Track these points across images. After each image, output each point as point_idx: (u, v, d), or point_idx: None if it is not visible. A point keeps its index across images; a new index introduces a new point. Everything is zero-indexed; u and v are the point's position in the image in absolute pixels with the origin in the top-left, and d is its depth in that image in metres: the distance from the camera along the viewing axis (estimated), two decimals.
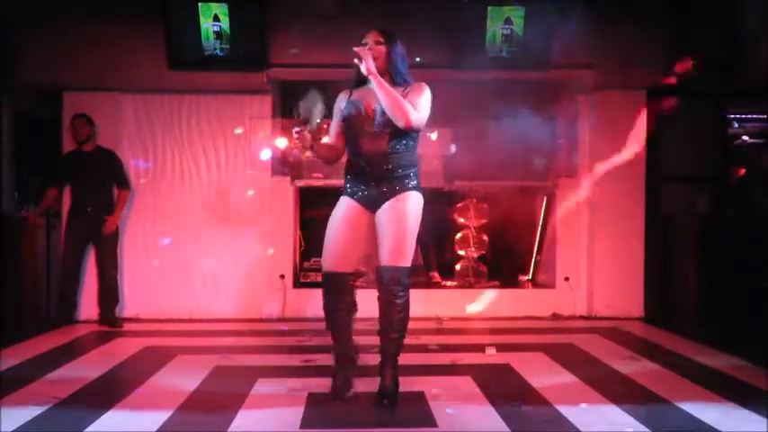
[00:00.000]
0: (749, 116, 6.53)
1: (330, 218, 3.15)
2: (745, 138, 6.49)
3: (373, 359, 3.28)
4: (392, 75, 3.11)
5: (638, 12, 5.25)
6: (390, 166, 3.06)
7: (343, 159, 3.28)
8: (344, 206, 3.14)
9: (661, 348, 4.41)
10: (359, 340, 3.29)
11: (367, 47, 3.05)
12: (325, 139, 3.32)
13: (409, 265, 3.12)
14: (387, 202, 3.07)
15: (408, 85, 3.12)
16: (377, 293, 3.11)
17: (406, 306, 3.09)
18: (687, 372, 3.71)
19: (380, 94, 2.98)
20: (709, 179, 5.62)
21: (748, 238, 4.72)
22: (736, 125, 6.54)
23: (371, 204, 3.10)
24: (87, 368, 3.78)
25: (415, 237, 3.14)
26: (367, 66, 2.96)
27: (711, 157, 5.72)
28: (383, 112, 3.02)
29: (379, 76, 2.98)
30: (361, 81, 3.13)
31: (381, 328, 3.12)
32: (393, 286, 3.05)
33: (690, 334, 4.69)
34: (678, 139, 5.60)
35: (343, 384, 3.17)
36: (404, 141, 3.09)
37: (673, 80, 5.28)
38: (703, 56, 5.18)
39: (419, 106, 3.05)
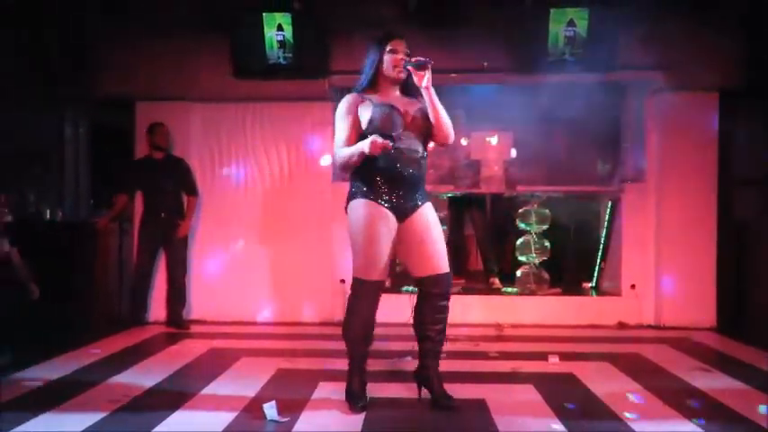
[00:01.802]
0: None
1: (367, 225, 3.02)
2: None
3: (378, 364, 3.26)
4: (412, 86, 3.09)
5: (709, 10, 5.05)
6: (421, 173, 3.10)
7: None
8: (383, 214, 3.03)
9: (735, 360, 4.21)
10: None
11: (400, 56, 3.05)
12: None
13: None
14: (419, 210, 3.09)
15: (420, 96, 3.11)
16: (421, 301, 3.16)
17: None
18: (761, 384, 3.53)
19: (438, 107, 3.02)
20: None
21: None
22: None
23: (401, 213, 3.07)
24: (156, 369, 3.91)
25: None
26: (428, 79, 2.96)
27: None
28: (417, 118, 3.05)
29: (432, 89, 3.00)
30: (367, 85, 3.11)
31: (433, 334, 3.13)
32: (448, 291, 3.14)
33: (764, 345, 4.46)
34: (752, 141, 5.35)
35: (363, 389, 3.19)
36: (426, 151, 3.14)
37: None
38: None
39: None
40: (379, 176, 3.03)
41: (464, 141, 6.40)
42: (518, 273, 5.90)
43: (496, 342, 4.72)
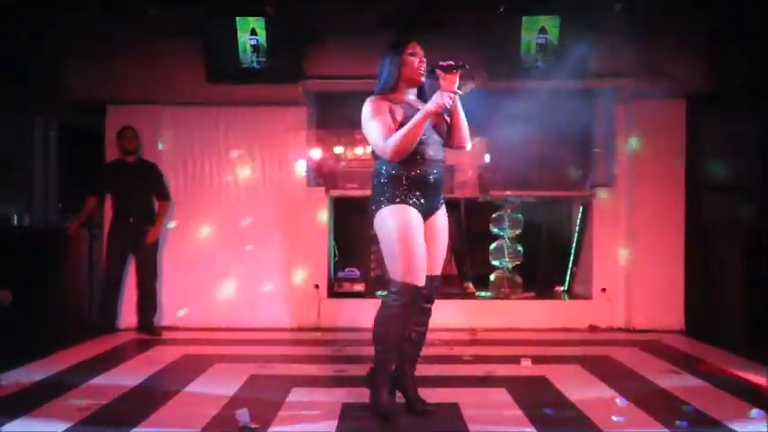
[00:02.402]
0: None
1: (408, 228, 2.97)
2: None
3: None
4: (428, 90, 3.13)
5: (678, 19, 5.16)
6: (442, 176, 3.11)
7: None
8: (414, 216, 3.00)
9: (704, 362, 4.29)
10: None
11: (419, 59, 3.06)
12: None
13: None
14: (438, 212, 3.12)
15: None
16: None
17: None
18: (732, 388, 3.61)
19: (462, 114, 3.08)
20: (751, 188, 5.47)
21: None
22: None
23: (426, 214, 3.07)
24: (126, 376, 3.86)
25: None
26: (455, 83, 2.94)
27: (754, 166, 5.56)
28: (440, 123, 3.09)
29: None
30: (388, 88, 3.09)
31: (414, 336, 3.11)
32: (434, 294, 3.15)
33: (733, 348, 4.56)
34: (719, 147, 5.47)
35: (393, 399, 3.15)
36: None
37: None
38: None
39: None
40: (409, 180, 3.00)
41: None
42: (492, 277, 5.95)
43: (470, 346, 4.74)
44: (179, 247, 5.53)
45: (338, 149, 6.88)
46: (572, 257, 6.04)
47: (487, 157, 6.10)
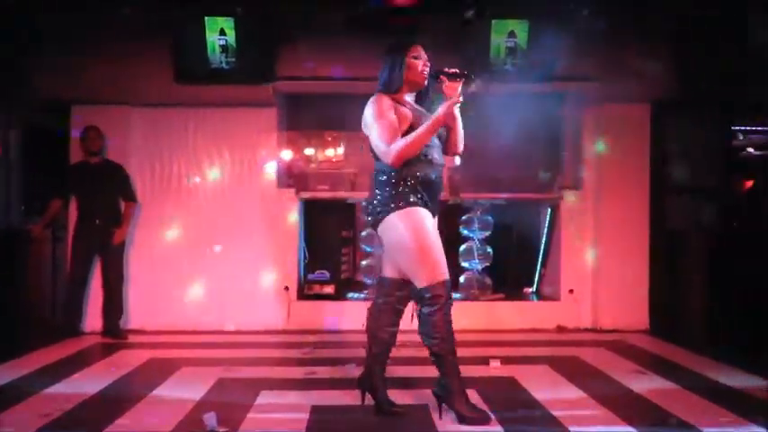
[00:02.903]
0: (754, 128, 6.53)
1: (426, 228, 2.97)
2: (751, 150, 6.48)
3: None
4: (425, 95, 3.16)
5: (643, 25, 5.26)
6: (442, 178, 3.13)
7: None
8: (429, 217, 3.01)
9: (667, 362, 4.38)
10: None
11: (423, 61, 3.07)
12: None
13: None
14: (435, 216, 3.09)
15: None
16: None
17: None
18: (694, 386, 3.68)
19: (460, 120, 3.12)
20: (713, 191, 5.61)
21: (754, 251, 4.70)
22: (741, 137, 6.53)
23: (431, 214, 3.07)
24: (91, 381, 3.78)
25: None
26: (458, 90, 2.98)
27: (716, 170, 5.71)
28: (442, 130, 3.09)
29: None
30: (393, 88, 3.05)
31: (388, 338, 3.15)
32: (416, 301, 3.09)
33: (695, 347, 4.66)
34: (683, 151, 5.59)
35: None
36: None
37: None
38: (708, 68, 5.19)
39: None
40: (417, 183, 2.98)
41: None
42: (461, 278, 5.98)
43: None
44: (146, 248, 5.45)
45: (309, 151, 6.86)
46: (540, 259, 6.11)
47: (457, 160, 6.11)
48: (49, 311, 5.50)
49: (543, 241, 6.07)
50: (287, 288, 5.50)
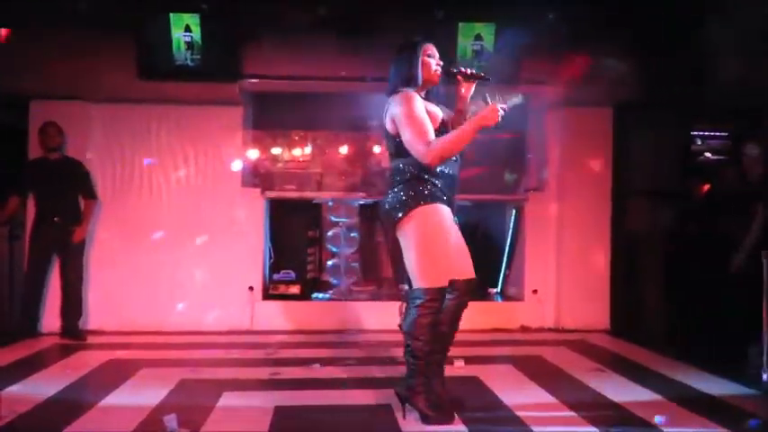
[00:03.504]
0: (712, 133, 6.70)
1: (447, 225, 2.99)
2: (708, 154, 6.65)
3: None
4: (436, 92, 3.19)
5: (605, 29, 5.36)
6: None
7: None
8: (449, 215, 3.03)
9: (626, 361, 4.47)
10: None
11: (436, 61, 3.09)
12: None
13: None
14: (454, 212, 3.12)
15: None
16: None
17: None
18: (651, 384, 3.77)
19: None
20: (672, 194, 5.74)
21: (710, 253, 4.82)
22: (699, 142, 6.70)
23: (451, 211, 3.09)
24: (48, 382, 3.69)
25: None
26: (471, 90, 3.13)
27: (675, 174, 5.84)
28: (454, 124, 3.11)
29: None
30: (414, 85, 3.05)
31: (449, 338, 3.11)
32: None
33: (653, 346, 4.76)
34: (643, 154, 5.71)
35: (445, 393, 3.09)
36: None
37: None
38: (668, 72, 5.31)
39: None
40: (438, 179, 3.00)
41: (376, 149, 6.47)
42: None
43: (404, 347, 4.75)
44: (106, 247, 5.34)
45: (275, 150, 6.81)
46: (505, 260, 6.18)
47: None
48: (6, 311, 5.35)
49: (508, 242, 6.14)
50: (251, 288, 5.45)
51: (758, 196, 4.32)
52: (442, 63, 3.13)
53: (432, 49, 3.13)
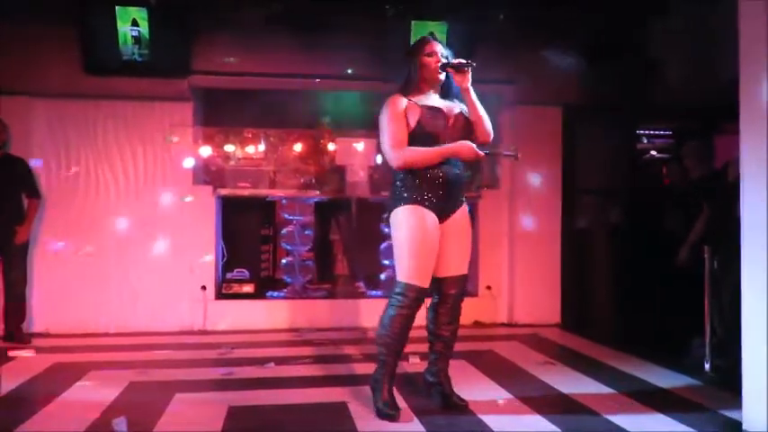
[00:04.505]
0: (657, 132, 6.92)
1: (413, 229, 2.99)
2: (654, 152, 6.87)
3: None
4: (449, 88, 3.17)
5: (555, 30, 5.46)
6: (463, 174, 3.17)
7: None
8: (427, 218, 3.01)
9: (575, 353, 4.58)
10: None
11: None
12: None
13: None
14: (458, 211, 3.14)
15: (456, 99, 3.20)
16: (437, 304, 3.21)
17: None
18: (598, 375, 3.88)
19: (479, 106, 3.13)
20: (620, 192, 5.90)
21: (655, 249, 4.99)
22: (645, 141, 6.91)
23: (442, 213, 3.07)
24: None
25: None
26: (468, 80, 3.07)
27: (622, 171, 6.01)
28: (459, 120, 3.11)
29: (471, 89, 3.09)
30: (410, 89, 3.11)
31: (447, 334, 3.22)
32: (464, 294, 3.23)
33: (601, 340, 4.89)
34: (592, 153, 5.85)
35: (393, 398, 3.11)
36: None
37: None
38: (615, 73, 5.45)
39: None
40: (423, 180, 3.03)
41: (330, 147, 6.45)
42: (382, 276, 6.02)
43: (361, 345, 4.77)
44: (51, 248, 5.16)
45: (228, 147, 6.72)
46: None
47: (379, 158, 6.17)
48: None
49: None
50: (204, 287, 5.36)
51: (702, 193, 4.49)
52: (444, 60, 3.12)
53: (432, 47, 3.14)
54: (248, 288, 5.59)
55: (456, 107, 3.18)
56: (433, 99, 3.16)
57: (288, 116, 6.35)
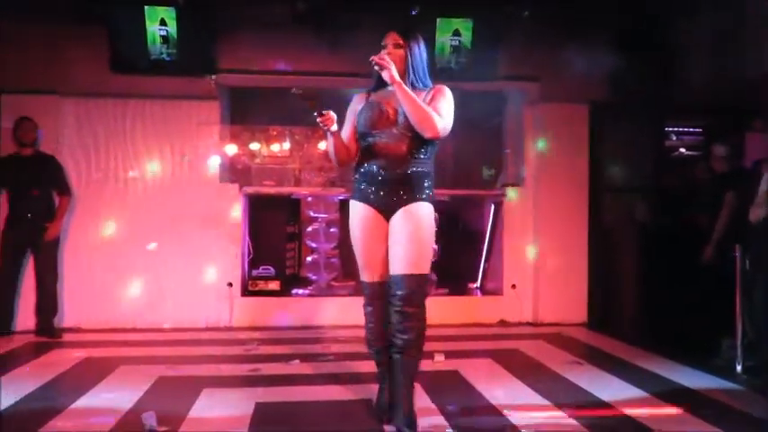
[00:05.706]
0: (685, 129, 6.80)
1: (354, 226, 2.93)
2: (682, 150, 6.76)
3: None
4: (412, 79, 2.89)
5: (582, 27, 5.40)
6: (409, 171, 2.86)
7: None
8: (361, 212, 2.90)
9: (601, 353, 4.53)
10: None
11: (386, 51, 2.87)
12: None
13: (427, 273, 2.92)
14: (402, 209, 2.85)
15: (429, 89, 2.92)
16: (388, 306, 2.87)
17: (424, 317, 2.87)
18: (624, 374, 3.84)
19: (406, 104, 2.76)
20: (647, 190, 5.82)
21: (684, 248, 4.91)
22: (674, 138, 6.80)
23: (386, 209, 2.87)
24: (22, 382, 3.62)
25: (431, 247, 2.96)
26: (390, 74, 2.74)
27: (650, 169, 5.92)
28: (405, 115, 2.81)
29: (403, 84, 2.76)
30: (380, 84, 2.91)
31: (398, 345, 2.83)
32: (413, 296, 2.81)
33: (628, 339, 4.84)
34: (619, 151, 5.77)
35: (382, 397, 3.07)
36: (423, 148, 2.89)
37: None
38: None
39: (443, 113, 2.84)
40: (361, 176, 2.92)
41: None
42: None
43: None
44: (82, 244, 5.26)
45: (253, 146, 6.77)
46: (484, 255, 6.21)
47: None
48: None
49: (487, 237, 6.18)
50: (230, 284, 5.41)
51: (728, 185, 4.41)
52: (392, 51, 2.87)
53: (385, 38, 2.92)
54: (274, 285, 5.63)
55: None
56: (389, 93, 2.87)
57: (313, 114, 6.36)
